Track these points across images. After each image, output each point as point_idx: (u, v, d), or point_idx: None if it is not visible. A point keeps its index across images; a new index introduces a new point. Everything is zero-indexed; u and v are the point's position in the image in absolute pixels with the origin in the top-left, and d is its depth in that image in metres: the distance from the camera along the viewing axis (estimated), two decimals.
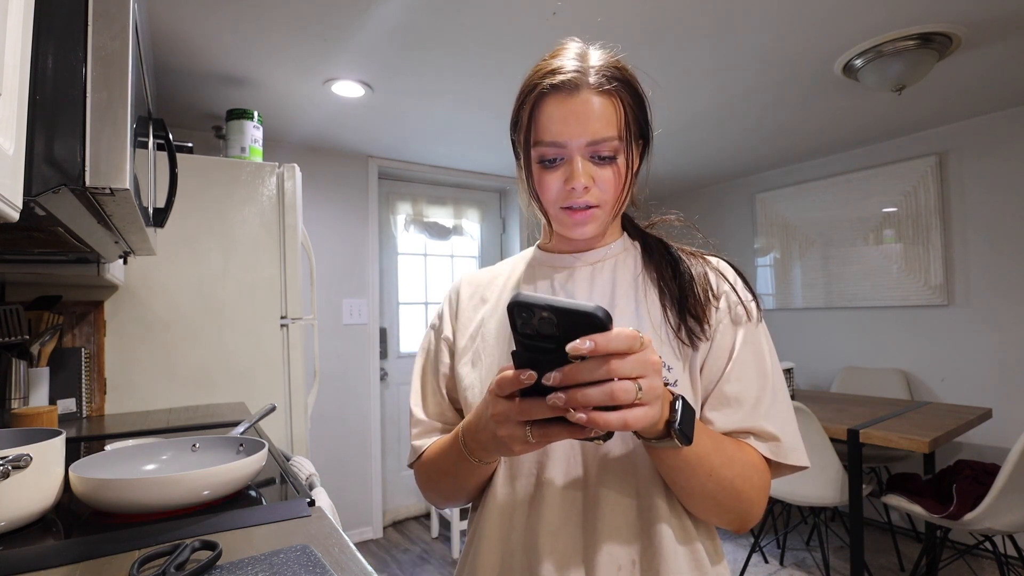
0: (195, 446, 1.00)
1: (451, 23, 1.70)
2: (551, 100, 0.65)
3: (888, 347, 3.00)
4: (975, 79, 2.19)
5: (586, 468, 0.65)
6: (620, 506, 0.63)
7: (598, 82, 0.64)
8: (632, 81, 0.68)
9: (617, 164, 0.66)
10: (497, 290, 0.79)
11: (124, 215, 0.74)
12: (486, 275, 0.82)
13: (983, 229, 2.66)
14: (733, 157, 3.22)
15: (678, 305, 0.67)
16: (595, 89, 0.64)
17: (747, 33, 1.78)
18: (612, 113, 0.64)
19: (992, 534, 1.89)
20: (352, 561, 0.65)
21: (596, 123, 0.63)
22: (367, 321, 3.08)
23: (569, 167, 0.65)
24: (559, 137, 0.64)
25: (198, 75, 2.03)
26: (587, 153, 0.65)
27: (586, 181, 0.64)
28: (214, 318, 1.85)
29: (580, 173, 0.64)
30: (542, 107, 0.65)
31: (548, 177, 0.67)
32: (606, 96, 0.64)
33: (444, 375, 0.78)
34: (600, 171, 0.66)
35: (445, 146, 2.94)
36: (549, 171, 0.67)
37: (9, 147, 0.39)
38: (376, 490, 3.06)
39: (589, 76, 0.64)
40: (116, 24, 0.57)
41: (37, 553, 0.67)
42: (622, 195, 0.68)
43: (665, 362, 0.65)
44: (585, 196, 0.66)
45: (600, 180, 0.66)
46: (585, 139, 0.64)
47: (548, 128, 0.65)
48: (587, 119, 0.63)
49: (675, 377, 0.65)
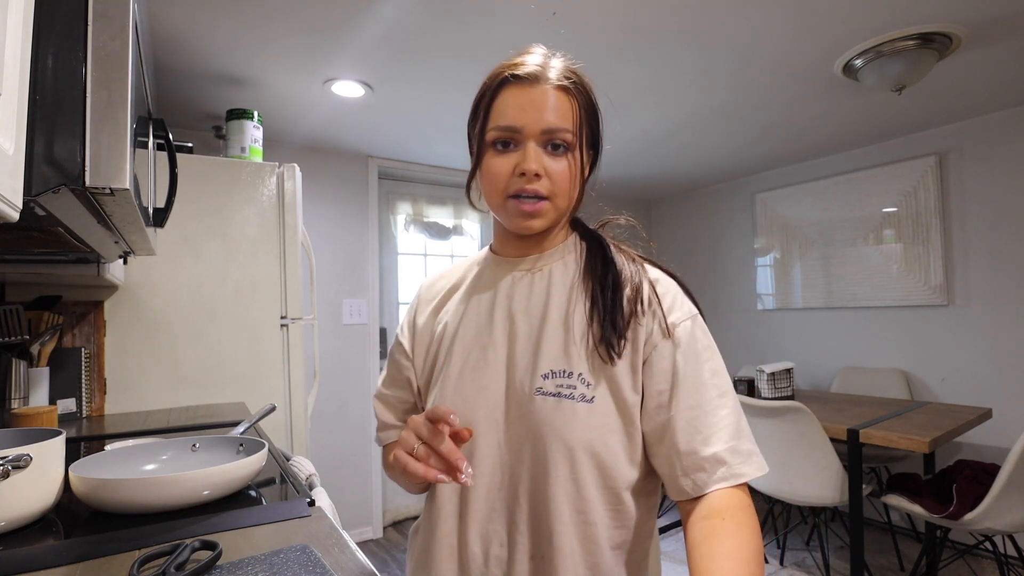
0: (195, 446, 1.00)
1: (451, 23, 1.70)
2: (511, 88, 0.67)
3: (888, 347, 3.00)
4: (975, 79, 2.19)
5: (506, 477, 0.68)
6: (533, 509, 0.66)
7: (558, 78, 0.67)
8: (588, 90, 0.70)
9: (569, 159, 0.67)
10: (456, 301, 0.79)
11: (124, 215, 0.74)
12: (441, 284, 0.84)
13: (983, 229, 2.66)
14: (733, 157, 3.22)
15: (604, 317, 0.67)
16: (554, 83, 0.67)
17: (747, 33, 1.78)
18: (568, 108, 0.67)
19: (992, 534, 1.89)
20: (352, 561, 0.65)
21: (552, 113, 0.66)
22: (367, 321, 3.08)
23: (522, 153, 0.66)
24: (515, 122, 0.66)
25: (198, 75, 2.03)
26: (541, 141, 0.66)
27: (537, 167, 0.66)
28: (214, 318, 1.85)
29: (532, 158, 0.66)
30: (502, 95, 0.68)
31: (498, 161, 0.68)
32: (564, 92, 0.67)
33: (403, 379, 0.82)
34: (553, 162, 0.67)
35: (445, 146, 2.94)
36: (501, 156, 0.68)
37: (9, 147, 0.39)
38: (376, 490, 3.06)
39: (549, 72, 0.67)
40: (116, 24, 0.57)
41: (37, 553, 0.67)
42: (571, 193, 0.69)
43: (583, 377, 0.66)
44: (536, 184, 0.66)
45: (552, 172, 0.67)
46: (541, 126, 0.66)
47: (505, 113, 0.67)
48: (544, 108, 0.66)
49: (593, 394, 0.65)
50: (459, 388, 0.71)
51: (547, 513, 0.65)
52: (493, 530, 0.67)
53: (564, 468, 0.64)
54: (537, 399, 0.66)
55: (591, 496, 0.65)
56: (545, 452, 0.65)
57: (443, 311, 0.79)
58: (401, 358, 0.81)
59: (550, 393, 0.66)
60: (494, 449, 0.68)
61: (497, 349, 0.71)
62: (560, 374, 0.66)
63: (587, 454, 0.64)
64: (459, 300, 0.78)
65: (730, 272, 3.80)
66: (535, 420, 0.66)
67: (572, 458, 0.64)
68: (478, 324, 0.73)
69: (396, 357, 0.83)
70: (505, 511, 0.67)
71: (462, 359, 0.72)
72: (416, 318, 0.82)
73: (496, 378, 0.70)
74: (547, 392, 0.66)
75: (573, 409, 0.65)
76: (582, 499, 0.65)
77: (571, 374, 0.66)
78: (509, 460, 0.68)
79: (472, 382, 0.70)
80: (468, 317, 0.75)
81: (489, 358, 0.71)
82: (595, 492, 0.65)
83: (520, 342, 0.70)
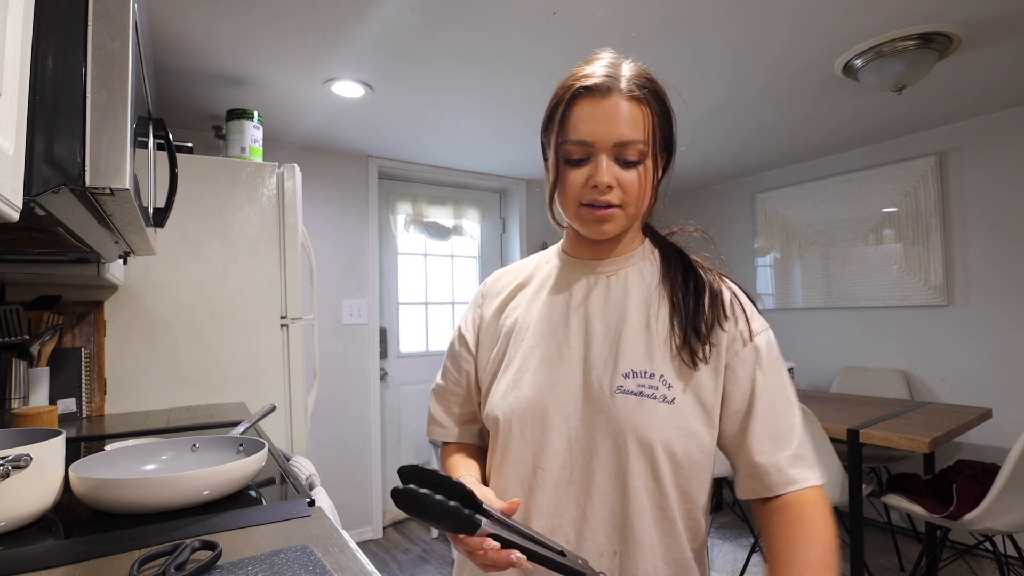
0: (195, 446, 1.00)
1: (451, 22, 1.70)
2: (583, 101, 0.67)
3: (888, 347, 3.00)
4: (975, 79, 2.19)
5: (577, 472, 0.68)
6: (607, 505, 0.67)
7: (628, 88, 0.67)
8: (661, 93, 0.70)
9: (641, 169, 0.68)
10: (526, 297, 0.80)
11: (124, 215, 0.74)
12: (507, 279, 0.84)
13: (983, 229, 2.66)
14: (733, 157, 3.22)
15: (687, 323, 0.69)
16: (625, 94, 0.66)
17: (746, 33, 1.78)
18: (640, 119, 0.67)
19: (992, 534, 1.89)
20: (352, 561, 0.65)
21: (624, 126, 0.66)
22: (367, 321, 3.08)
23: (594, 165, 0.67)
24: (588, 136, 0.67)
25: (198, 75, 2.03)
26: (613, 154, 0.67)
27: (609, 180, 0.66)
28: (214, 318, 1.85)
29: (604, 171, 0.66)
30: (574, 108, 0.68)
31: (573, 174, 0.69)
32: (635, 102, 0.67)
33: (462, 372, 0.83)
34: (624, 174, 0.67)
35: (445, 146, 2.94)
36: (574, 169, 0.69)
37: (9, 147, 0.39)
38: (376, 490, 3.06)
39: (620, 82, 0.67)
40: (116, 24, 0.57)
41: (37, 553, 0.67)
42: (644, 200, 0.70)
43: (665, 379, 0.67)
44: (607, 195, 0.67)
45: (623, 182, 0.68)
46: (612, 140, 0.66)
47: (577, 127, 0.67)
48: (616, 121, 0.66)
49: (674, 395, 0.67)
50: (534, 382, 0.71)
51: (626, 508, 0.66)
52: (558, 525, 0.68)
53: (643, 465, 0.65)
54: (618, 397, 0.67)
55: (670, 493, 0.66)
56: (625, 448, 0.66)
57: (511, 307, 0.80)
58: (463, 351, 0.82)
59: (632, 392, 0.67)
60: (564, 445, 0.69)
61: (572, 348, 0.72)
62: (642, 374, 0.67)
63: (666, 453, 0.65)
64: (530, 297, 0.79)
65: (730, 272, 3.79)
66: (616, 417, 0.66)
67: (652, 455, 0.65)
68: (552, 322, 0.74)
69: (457, 350, 0.83)
70: (574, 506, 0.68)
71: (536, 355, 0.73)
72: (483, 312, 0.82)
73: (571, 376, 0.70)
74: (629, 391, 0.67)
75: (655, 408, 0.66)
76: (662, 495, 0.66)
77: (653, 375, 0.67)
78: (581, 456, 0.68)
79: (546, 378, 0.71)
80: (541, 314, 0.75)
81: (564, 356, 0.71)
82: (673, 490, 0.66)
83: (597, 342, 0.71)
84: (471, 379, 0.81)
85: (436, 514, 0.53)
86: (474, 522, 0.53)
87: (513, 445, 0.71)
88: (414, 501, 0.52)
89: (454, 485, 0.55)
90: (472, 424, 0.83)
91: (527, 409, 0.70)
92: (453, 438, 0.83)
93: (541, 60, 1.92)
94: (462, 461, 0.78)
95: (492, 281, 0.85)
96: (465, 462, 0.78)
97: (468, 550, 0.55)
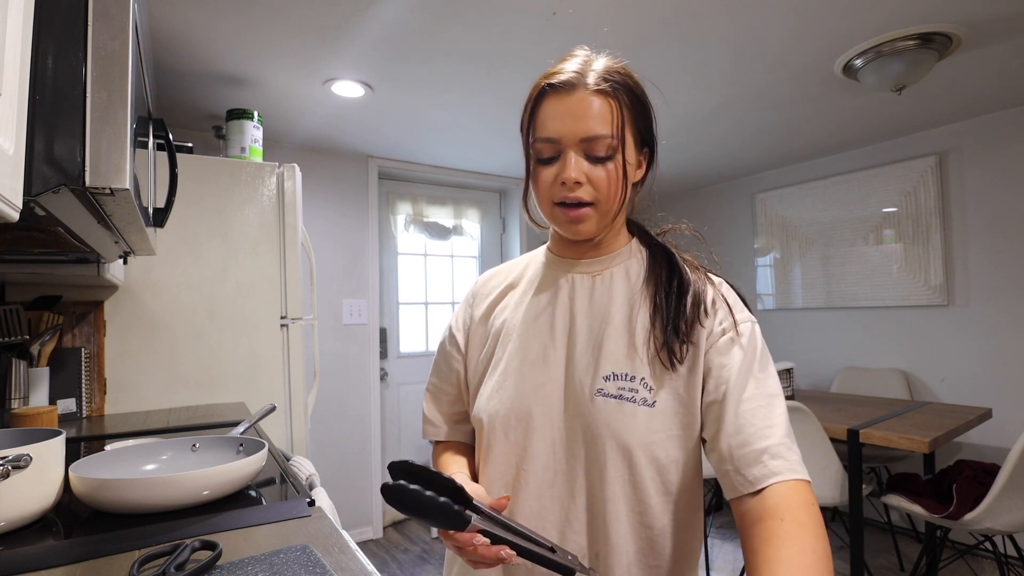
0: (195, 446, 1.00)
1: (451, 22, 1.70)
2: (550, 99, 0.67)
3: (888, 347, 3.00)
4: (975, 79, 2.19)
5: (560, 475, 0.68)
6: (589, 508, 0.67)
7: (596, 82, 0.66)
8: (635, 87, 0.69)
9: (612, 165, 0.67)
10: (514, 298, 0.80)
11: (124, 215, 0.74)
12: (497, 280, 0.84)
13: (983, 229, 2.66)
14: (733, 157, 3.22)
15: (667, 323, 0.67)
16: (592, 89, 0.66)
17: (746, 33, 1.78)
18: (608, 112, 0.66)
19: (992, 534, 1.89)
20: (352, 561, 0.65)
21: (590, 120, 0.65)
22: (367, 321, 3.07)
23: (563, 163, 0.67)
24: (554, 133, 0.66)
25: (198, 75, 2.03)
26: (581, 150, 0.66)
27: (577, 176, 0.66)
28: (214, 318, 1.85)
29: (572, 167, 0.66)
30: (541, 106, 0.68)
31: (544, 173, 0.69)
32: (603, 96, 0.66)
33: (451, 371, 0.83)
34: (594, 169, 0.67)
35: (445, 146, 2.94)
36: (545, 168, 0.69)
37: (9, 147, 0.39)
38: (376, 490, 3.05)
39: (588, 77, 0.66)
40: (116, 24, 0.57)
41: (37, 553, 0.67)
42: (616, 196, 0.68)
43: (646, 381, 0.66)
44: (577, 191, 0.67)
45: (593, 178, 0.67)
46: (579, 135, 0.65)
47: (545, 125, 0.67)
48: (581, 116, 0.65)
49: (655, 398, 0.66)
50: (518, 384, 0.71)
51: (603, 512, 0.65)
52: (541, 527, 0.68)
53: (622, 469, 0.65)
54: (598, 400, 0.66)
55: (649, 498, 0.65)
56: (604, 452, 0.65)
57: (500, 307, 0.80)
58: (453, 350, 0.82)
59: (611, 395, 0.66)
60: (548, 447, 0.69)
61: (557, 348, 0.71)
62: (622, 377, 0.67)
63: (646, 457, 0.65)
64: (518, 298, 0.79)
65: (730, 272, 3.80)
66: (594, 420, 0.66)
67: (630, 459, 0.65)
68: (538, 323, 0.74)
69: (447, 349, 0.83)
70: (557, 508, 0.68)
71: (521, 356, 0.73)
72: (472, 312, 0.82)
73: (554, 376, 0.70)
74: (608, 394, 0.66)
75: (634, 412, 0.65)
76: (639, 501, 0.65)
77: (633, 378, 0.66)
78: (564, 458, 0.68)
79: (531, 379, 0.71)
80: (528, 315, 0.75)
81: (549, 357, 0.71)
82: (654, 495, 0.65)
83: (580, 343, 0.70)
84: (461, 379, 0.81)
85: (426, 510, 0.52)
86: (464, 518, 0.53)
87: (497, 447, 0.71)
88: (404, 497, 0.52)
89: (444, 481, 0.55)
90: (463, 423, 0.83)
91: (511, 411, 0.70)
92: (444, 437, 0.83)
93: (541, 60, 1.92)
94: (453, 459, 0.78)
95: (483, 281, 0.85)
96: (456, 460, 0.78)
97: (458, 546, 0.55)
